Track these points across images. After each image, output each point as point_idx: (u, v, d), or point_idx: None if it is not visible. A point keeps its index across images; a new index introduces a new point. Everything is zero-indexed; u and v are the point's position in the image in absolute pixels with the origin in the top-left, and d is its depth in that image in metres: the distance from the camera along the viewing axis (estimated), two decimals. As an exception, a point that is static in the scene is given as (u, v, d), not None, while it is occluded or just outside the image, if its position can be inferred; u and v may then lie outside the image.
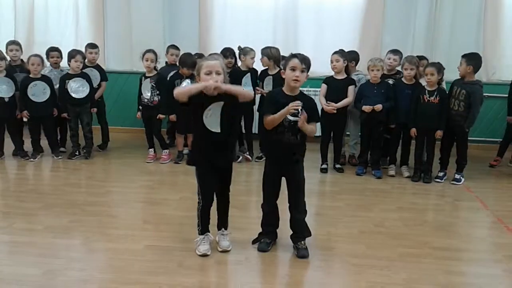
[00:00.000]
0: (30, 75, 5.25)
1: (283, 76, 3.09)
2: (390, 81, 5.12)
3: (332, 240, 3.45)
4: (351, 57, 5.34)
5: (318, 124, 3.30)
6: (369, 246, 3.37)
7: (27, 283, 2.81)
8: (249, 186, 4.92)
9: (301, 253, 3.14)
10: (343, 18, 6.56)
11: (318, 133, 5.33)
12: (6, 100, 5.21)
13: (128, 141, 6.33)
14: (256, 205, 4.32)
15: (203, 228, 3.21)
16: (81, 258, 3.21)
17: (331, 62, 5.03)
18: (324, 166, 5.22)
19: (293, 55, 3.06)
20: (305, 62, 3.01)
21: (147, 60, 5.24)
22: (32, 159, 5.37)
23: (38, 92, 5.23)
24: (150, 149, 5.54)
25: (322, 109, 4.97)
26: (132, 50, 6.48)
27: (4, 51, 5.44)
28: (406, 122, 4.93)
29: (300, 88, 3.11)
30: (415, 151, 4.98)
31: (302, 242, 3.18)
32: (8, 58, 5.46)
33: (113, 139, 6.11)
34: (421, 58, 5.19)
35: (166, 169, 5.29)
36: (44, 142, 5.55)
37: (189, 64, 5.12)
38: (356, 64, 5.45)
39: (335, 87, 5.04)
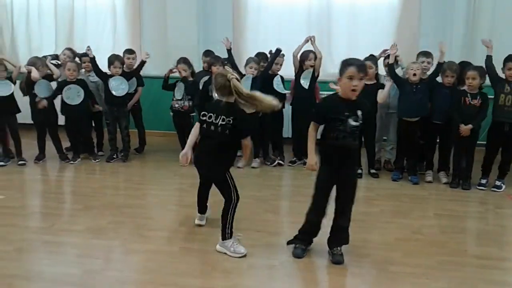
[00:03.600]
0: (66, 79, 5.43)
1: (338, 84, 3.00)
2: None
3: (367, 247, 3.39)
4: None
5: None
6: (406, 253, 3.30)
7: (67, 283, 2.90)
8: (282, 191, 4.93)
9: (336, 259, 3.10)
10: (377, 21, 6.47)
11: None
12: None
13: (164, 144, 6.42)
14: (289, 209, 4.34)
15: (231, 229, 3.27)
16: (119, 259, 3.30)
17: None
18: (359, 171, 5.15)
19: (350, 63, 2.91)
20: (363, 69, 2.91)
21: (179, 71, 5.42)
22: (72, 162, 5.54)
23: (73, 95, 5.40)
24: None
25: None
26: (168, 55, 6.59)
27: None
28: (442, 123, 4.84)
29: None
30: (453, 157, 4.86)
31: (338, 248, 3.15)
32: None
33: (149, 142, 6.22)
34: (465, 64, 4.98)
35: (200, 173, 5.33)
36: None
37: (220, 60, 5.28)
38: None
39: (366, 93, 4.99)
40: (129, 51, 5.91)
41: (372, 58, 5.10)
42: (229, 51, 5.41)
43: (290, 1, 6.65)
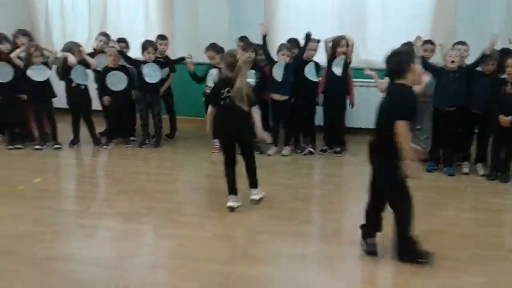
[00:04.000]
0: (109, 65, 5.51)
1: (412, 72, 2.82)
2: None
3: (400, 238, 3.33)
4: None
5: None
6: (440, 246, 3.21)
7: (102, 265, 2.97)
8: (313, 179, 4.89)
9: (370, 249, 3.06)
10: (412, 5, 6.24)
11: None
12: (82, 87, 5.52)
13: (195, 131, 6.43)
14: (319, 198, 4.30)
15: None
16: (151, 244, 3.36)
17: None
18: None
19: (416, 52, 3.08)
20: None
21: (208, 58, 5.42)
22: (105, 146, 5.64)
23: (116, 81, 5.49)
24: (215, 139, 5.62)
25: None
26: (199, 41, 6.57)
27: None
28: (480, 113, 4.67)
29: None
30: (492, 148, 4.68)
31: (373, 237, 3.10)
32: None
33: (180, 128, 6.25)
34: (506, 52, 4.80)
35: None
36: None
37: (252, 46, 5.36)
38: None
39: None
40: (162, 37, 5.93)
41: (408, 44, 4.94)
42: (264, 37, 5.30)
43: (323, -15, 6.51)
